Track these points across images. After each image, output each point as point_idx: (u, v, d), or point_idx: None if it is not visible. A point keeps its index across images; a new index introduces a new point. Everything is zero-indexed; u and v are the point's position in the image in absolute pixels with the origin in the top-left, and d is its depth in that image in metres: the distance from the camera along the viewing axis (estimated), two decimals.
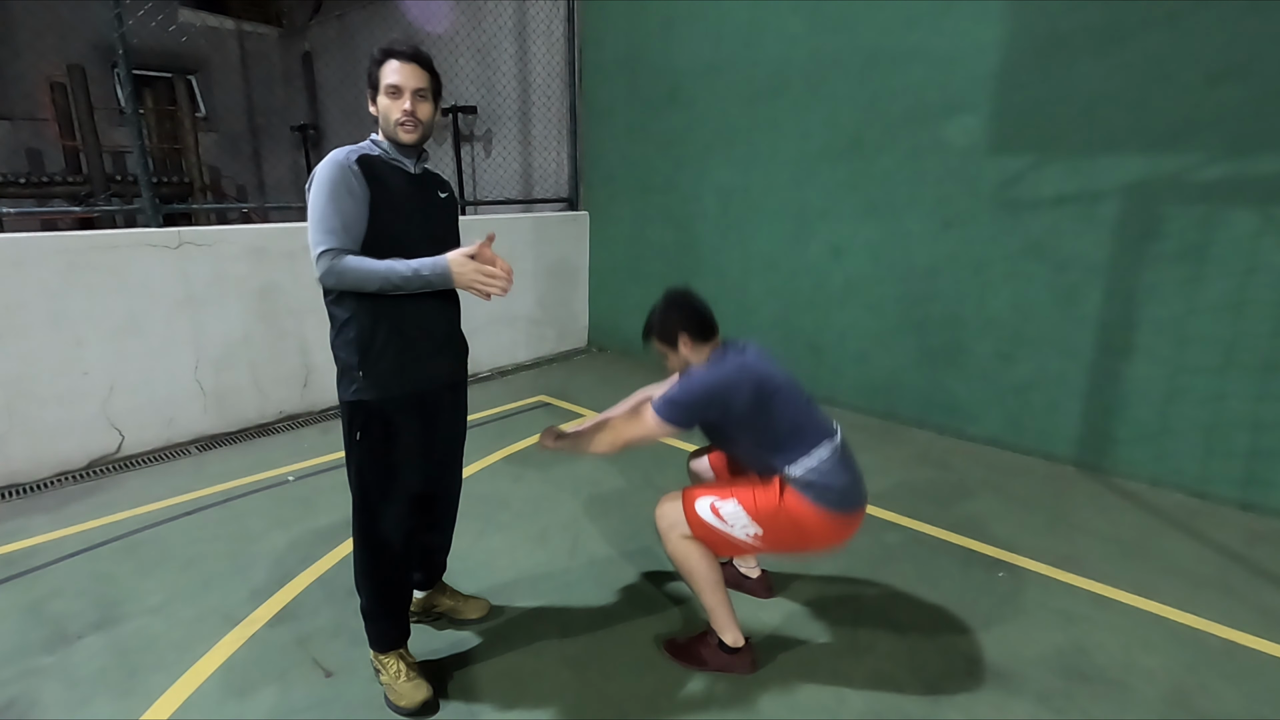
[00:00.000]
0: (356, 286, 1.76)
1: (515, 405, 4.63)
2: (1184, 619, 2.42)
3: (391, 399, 1.87)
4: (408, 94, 1.80)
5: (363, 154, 1.81)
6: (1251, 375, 3.10)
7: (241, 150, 11.32)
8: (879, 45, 3.98)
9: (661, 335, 2.07)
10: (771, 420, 1.95)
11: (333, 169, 1.75)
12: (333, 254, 1.73)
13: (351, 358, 1.84)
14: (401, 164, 1.89)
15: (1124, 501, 3.30)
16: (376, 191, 1.79)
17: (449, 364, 2.04)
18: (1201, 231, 3.14)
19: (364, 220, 1.78)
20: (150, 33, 8.76)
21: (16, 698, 2.00)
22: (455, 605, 2.36)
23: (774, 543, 2.01)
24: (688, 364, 2.06)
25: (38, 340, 3.30)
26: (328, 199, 1.74)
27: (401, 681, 1.98)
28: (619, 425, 2.01)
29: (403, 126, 1.82)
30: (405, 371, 1.87)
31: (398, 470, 1.92)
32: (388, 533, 1.94)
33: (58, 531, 2.94)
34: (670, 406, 1.92)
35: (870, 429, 4.18)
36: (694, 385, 1.94)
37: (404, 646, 2.05)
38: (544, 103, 6.12)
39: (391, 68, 1.79)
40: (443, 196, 2.01)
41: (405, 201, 1.86)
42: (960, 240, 3.87)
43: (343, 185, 1.75)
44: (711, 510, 1.99)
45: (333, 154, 1.79)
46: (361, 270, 1.73)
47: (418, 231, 1.87)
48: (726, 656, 2.11)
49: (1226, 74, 3.00)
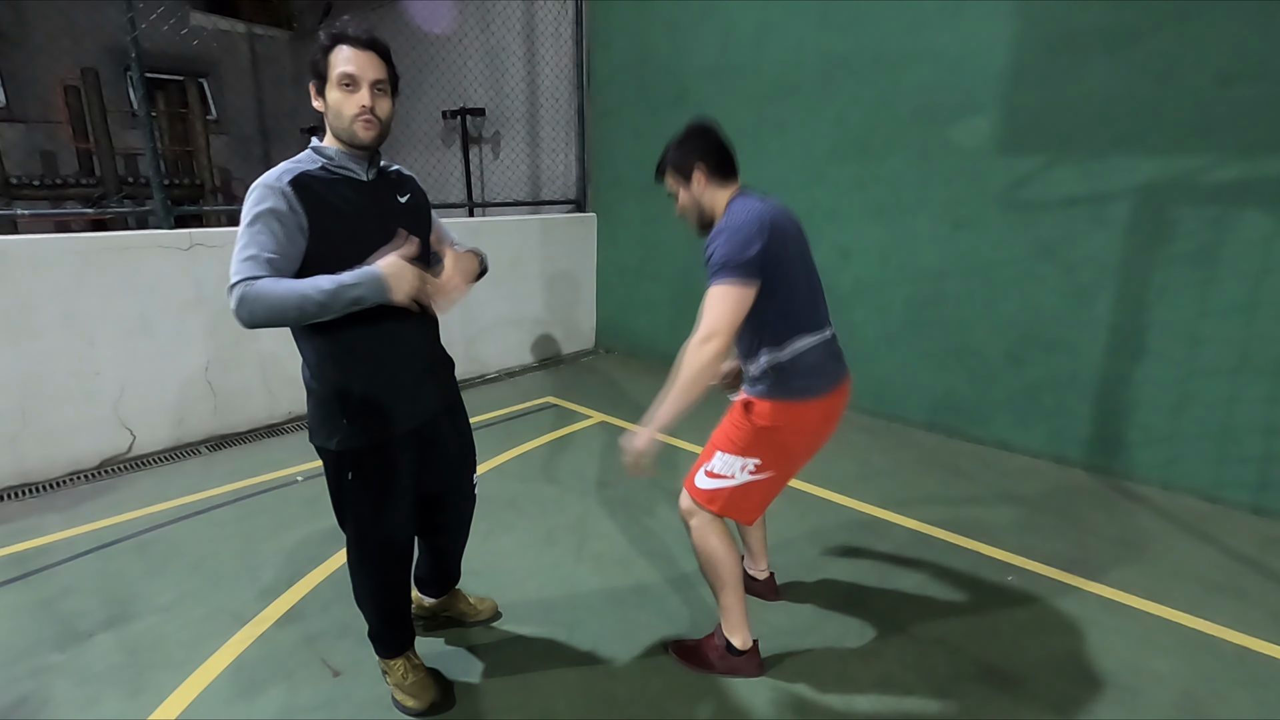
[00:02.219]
0: (272, 318, 1.48)
1: (523, 406, 4.64)
2: (1196, 624, 2.39)
3: (379, 441, 1.72)
4: (365, 85, 1.56)
5: (298, 172, 1.57)
6: (1264, 378, 3.06)
7: (252, 152, 11.40)
8: (888, 46, 3.97)
9: (676, 165, 1.87)
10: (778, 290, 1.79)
11: (263, 194, 1.53)
12: (245, 284, 1.47)
13: (330, 405, 1.68)
14: (350, 172, 1.64)
15: (1135, 505, 3.27)
16: (317, 213, 1.56)
17: (437, 392, 1.87)
18: (1213, 233, 3.11)
19: (297, 252, 1.55)
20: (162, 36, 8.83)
21: (28, 695, 2.02)
22: (464, 609, 2.33)
23: (777, 460, 1.92)
24: (700, 208, 1.89)
25: (51, 340, 3.33)
26: (254, 229, 1.51)
27: (409, 684, 1.96)
28: (691, 350, 1.71)
29: (361, 123, 1.57)
30: (392, 412, 1.71)
31: (394, 505, 1.81)
32: (387, 564, 1.87)
33: (69, 530, 2.96)
34: (728, 269, 1.69)
35: (879, 431, 4.17)
36: (734, 232, 1.71)
37: (410, 649, 2.02)
38: (552, 104, 6.14)
39: (344, 55, 1.55)
40: (403, 200, 1.74)
41: (354, 217, 1.62)
42: (970, 242, 3.85)
43: (269, 212, 1.52)
44: (707, 475, 1.96)
45: (264, 176, 1.57)
46: (272, 296, 1.45)
47: (374, 248, 1.59)
48: (734, 659, 2.10)
49: (1239, 74, 2.97)
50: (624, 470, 1.82)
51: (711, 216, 1.91)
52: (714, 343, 1.70)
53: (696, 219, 1.94)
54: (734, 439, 1.93)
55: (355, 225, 1.63)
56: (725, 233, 1.75)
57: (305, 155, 1.65)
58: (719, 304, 1.72)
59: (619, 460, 3.71)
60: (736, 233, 1.74)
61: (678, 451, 3.85)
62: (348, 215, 1.61)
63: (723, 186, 1.90)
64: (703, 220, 1.93)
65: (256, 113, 11.41)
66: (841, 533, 2.99)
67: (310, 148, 1.66)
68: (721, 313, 1.71)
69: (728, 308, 1.71)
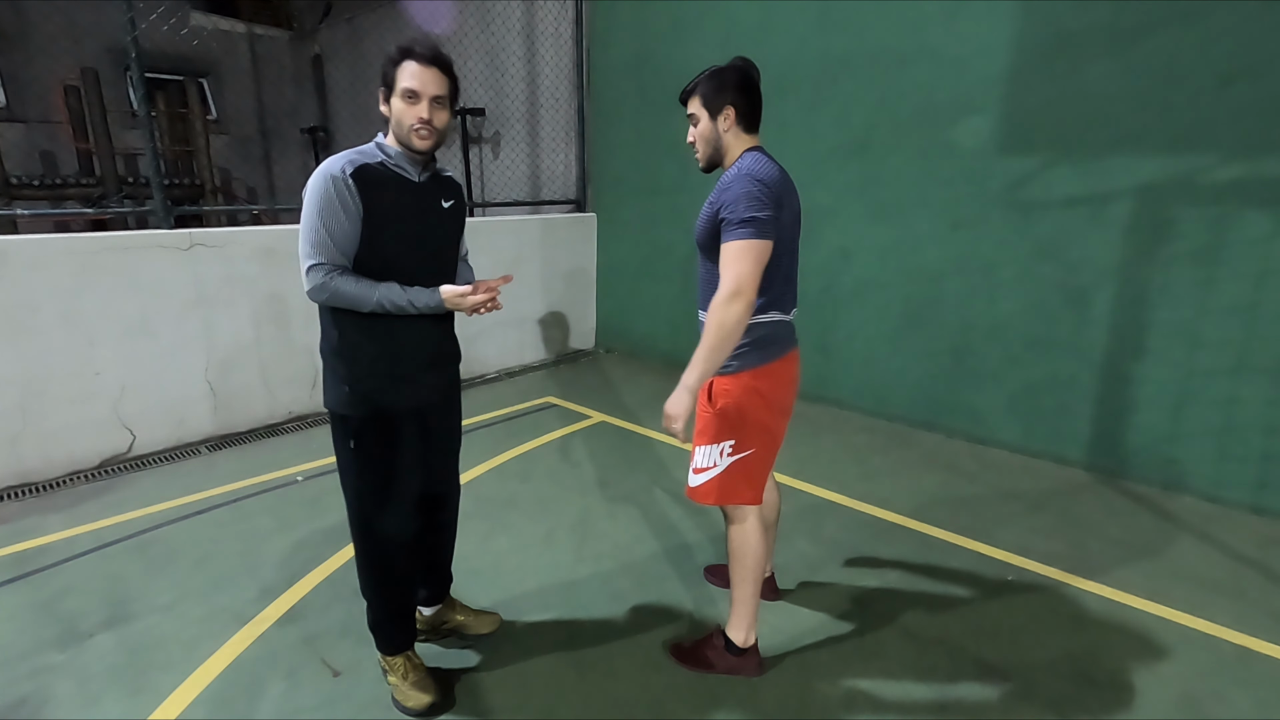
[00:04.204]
0: (351, 305, 1.74)
1: (523, 406, 4.64)
2: (1196, 624, 2.39)
3: (384, 413, 1.84)
4: (425, 100, 1.71)
5: (360, 164, 1.72)
6: (1265, 378, 3.06)
7: (252, 152, 11.40)
8: (888, 46, 3.97)
9: (708, 95, 1.82)
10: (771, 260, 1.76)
11: (324, 181, 1.68)
12: (323, 270, 1.70)
13: (340, 370, 1.82)
14: (405, 172, 1.80)
15: (1135, 505, 3.27)
16: (371, 204, 1.71)
17: (440, 379, 1.98)
18: (1214, 233, 3.11)
19: (356, 235, 1.72)
20: (162, 36, 8.84)
21: (28, 695, 2.02)
22: (465, 620, 2.28)
23: (750, 434, 1.92)
24: (715, 146, 1.86)
25: (51, 341, 3.33)
26: (317, 213, 1.69)
27: (409, 683, 1.98)
28: (719, 307, 1.68)
29: (417, 133, 1.73)
30: (395, 388, 1.84)
31: (395, 477, 1.89)
32: (387, 538, 1.93)
33: (69, 530, 2.96)
34: (752, 224, 1.67)
35: (879, 432, 4.17)
36: (761, 187, 1.70)
37: (411, 649, 2.05)
38: (552, 105, 6.14)
39: (410, 70, 1.69)
40: (447, 206, 1.90)
41: (403, 214, 1.78)
42: (970, 242, 3.85)
43: (334, 199, 1.68)
44: (695, 473, 1.99)
45: (327, 163, 1.71)
46: (355, 294, 1.71)
47: (414, 245, 1.81)
48: (733, 659, 2.10)
49: (1239, 74, 2.97)
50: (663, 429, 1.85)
51: (721, 158, 1.90)
52: (741, 299, 1.68)
53: (707, 155, 1.90)
54: (704, 429, 1.95)
55: (404, 222, 1.79)
56: (749, 184, 1.71)
57: (369, 147, 1.79)
58: (744, 258, 1.68)
59: (619, 460, 3.72)
60: (763, 188, 1.71)
61: (679, 453, 3.85)
62: (395, 210, 1.77)
63: (744, 134, 1.87)
64: (712, 159, 1.90)
65: (256, 113, 11.40)
66: (841, 533, 2.99)
67: (374, 142, 1.80)
68: (746, 267, 1.68)
69: (752, 262, 1.69)
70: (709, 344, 1.72)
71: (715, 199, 1.79)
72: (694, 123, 1.88)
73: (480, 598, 2.49)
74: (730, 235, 1.71)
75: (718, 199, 1.77)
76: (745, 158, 1.83)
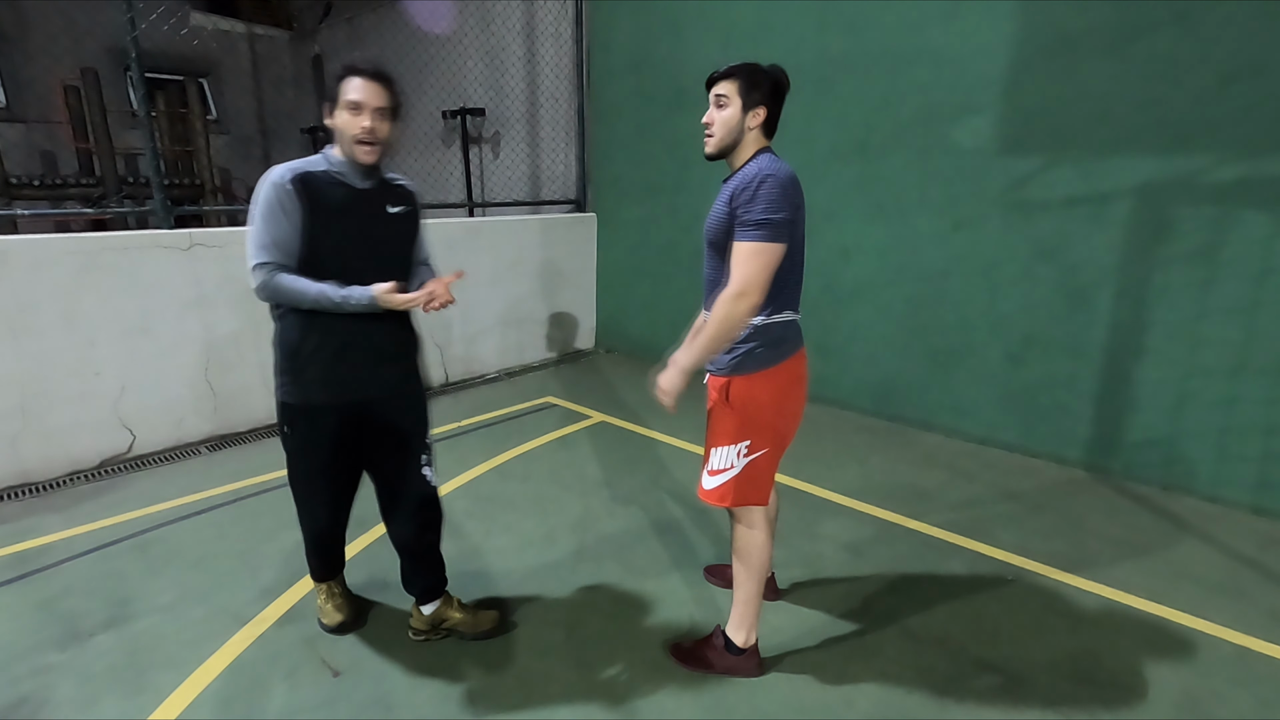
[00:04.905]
0: (291, 303, 1.87)
1: (522, 406, 4.64)
2: (1195, 624, 2.39)
3: (317, 404, 1.97)
4: (368, 111, 1.80)
5: (302, 172, 1.84)
6: (1265, 378, 3.06)
7: (252, 152, 11.41)
8: (887, 46, 3.97)
9: (748, 86, 1.80)
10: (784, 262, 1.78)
11: (267, 188, 1.81)
12: (267, 269, 1.83)
13: (281, 361, 1.97)
14: (348, 179, 1.89)
15: (1135, 505, 3.27)
16: (311, 211, 1.83)
17: (386, 374, 2.03)
18: (1214, 233, 3.11)
19: (297, 238, 1.84)
20: (163, 36, 8.84)
21: (28, 695, 2.02)
22: (463, 619, 2.27)
23: (764, 434, 1.92)
24: (734, 138, 1.84)
25: (51, 340, 3.33)
26: (260, 217, 1.83)
27: (328, 605, 2.31)
28: (724, 304, 1.72)
29: (360, 145, 1.82)
30: (334, 382, 1.95)
31: (322, 467, 2.08)
32: (312, 515, 2.20)
33: (69, 530, 2.96)
34: (767, 227, 1.69)
35: (878, 431, 4.17)
36: (779, 188, 1.71)
37: (333, 580, 2.34)
38: (552, 105, 6.14)
39: (353, 84, 1.79)
40: (394, 211, 1.97)
41: (344, 219, 1.88)
42: (969, 242, 3.85)
43: (276, 205, 1.81)
44: (710, 475, 1.98)
45: (272, 171, 1.83)
46: (294, 291, 1.83)
47: (358, 249, 1.91)
48: (733, 659, 2.10)
49: (1239, 74, 2.97)
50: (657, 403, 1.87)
51: (733, 150, 1.87)
52: (747, 300, 1.72)
53: (722, 142, 1.86)
54: (722, 431, 1.94)
55: (344, 227, 1.89)
56: (769, 186, 1.71)
57: (316, 157, 1.91)
58: (755, 260, 1.71)
59: (619, 460, 3.72)
60: (782, 192, 1.72)
61: (679, 453, 3.85)
62: (337, 215, 1.87)
63: (762, 137, 1.88)
64: (724, 147, 1.87)
65: (256, 113, 11.41)
66: (842, 533, 2.99)
67: (321, 153, 1.92)
68: (757, 270, 1.71)
69: (763, 265, 1.71)
70: (710, 335, 1.78)
71: (731, 196, 1.77)
72: (720, 105, 1.84)
73: (481, 597, 2.50)
74: (745, 235, 1.72)
75: (735, 197, 1.76)
76: (762, 158, 1.81)
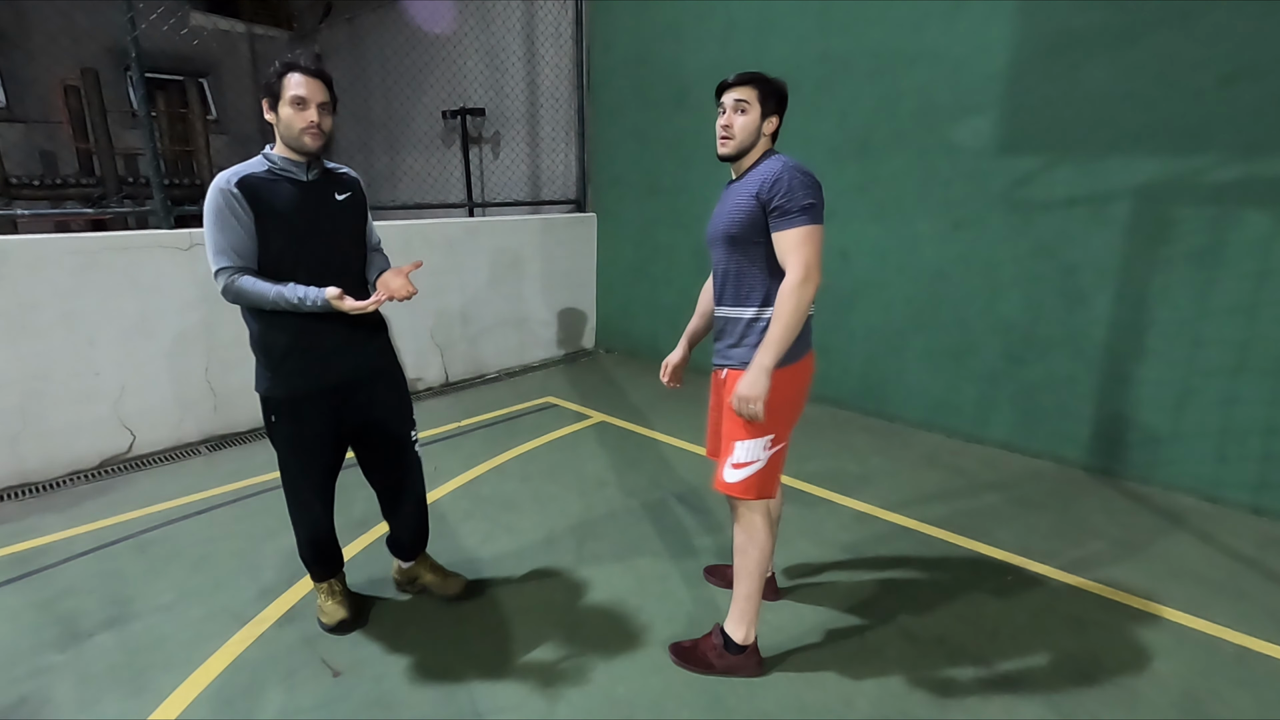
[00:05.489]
0: (253, 305, 1.97)
1: (523, 406, 4.64)
2: (1196, 624, 2.39)
3: (297, 395, 2.08)
4: (313, 106, 1.91)
5: (245, 174, 1.93)
6: (1265, 379, 3.06)
7: (252, 152, 11.30)
8: (888, 46, 3.97)
9: (768, 94, 1.89)
10: None
11: (215, 194, 1.90)
12: (228, 273, 1.92)
13: (259, 359, 2.08)
14: (291, 174, 1.99)
15: (1135, 505, 3.27)
16: (260, 211, 1.92)
17: (354, 359, 2.15)
18: (1214, 233, 3.11)
19: (251, 238, 1.94)
20: (163, 36, 8.84)
21: (28, 695, 2.02)
22: (435, 580, 2.50)
23: (783, 428, 1.98)
24: (749, 143, 1.91)
25: (51, 340, 3.33)
26: (213, 223, 1.91)
27: (328, 603, 2.33)
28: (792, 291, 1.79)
29: (310, 134, 1.92)
30: (308, 371, 2.07)
31: (310, 451, 2.17)
32: (307, 511, 2.24)
33: (69, 530, 2.96)
34: (811, 211, 1.78)
35: (878, 431, 4.17)
36: (809, 177, 1.81)
37: (333, 579, 2.37)
38: (552, 105, 6.14)
39: (295, 80, 1.90)
40: (340, 198, 2.08)
41: (293, 214, 1.97)
42: (970, 242, 3.85)
43: (225, 209, 1.90)
44: (734, 468, 1.97)
45: (217, 177, 1.92)
46: (254, 293, 1.93)
47: (311, 240, 2.00)
48: (733, 658, 2.10)
49: (1240, 74, 2.97)
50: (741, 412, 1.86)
51: (746, 152, 1.93)
52: (812, 282, 1.80)
53: (740, 145, 1.92)
54: (748, 424, 1.93)
55: (292, 218, 1.98)
56: (799, 174, 1.80)
57: (255, 160, 1.99)
58: (810, 244, 1.79)
59: (619, 460, 3.72)
60: (812, 179, 1.82)
61: (680, 452, 3.85)
62: (285, 210, 1.96)
63: (771, 140, 1.97)
64: (741, 151, 1.93)
65: (256, 113, 11.38)
66: (842, 533, 2.99)
67: (261, 154, 2.01)
68: (813, 252, 1.79)
69: (815, 247, 1.80)
70: (785, 325, 1.81)
71: (759, 190, 1.83)
72: (741, 110, 1.89)
73: (481, 597, 2.51)
74: (792, 223, 1.79)
75: (765, 188, 1.82)
76: (777, 156, 1.90)
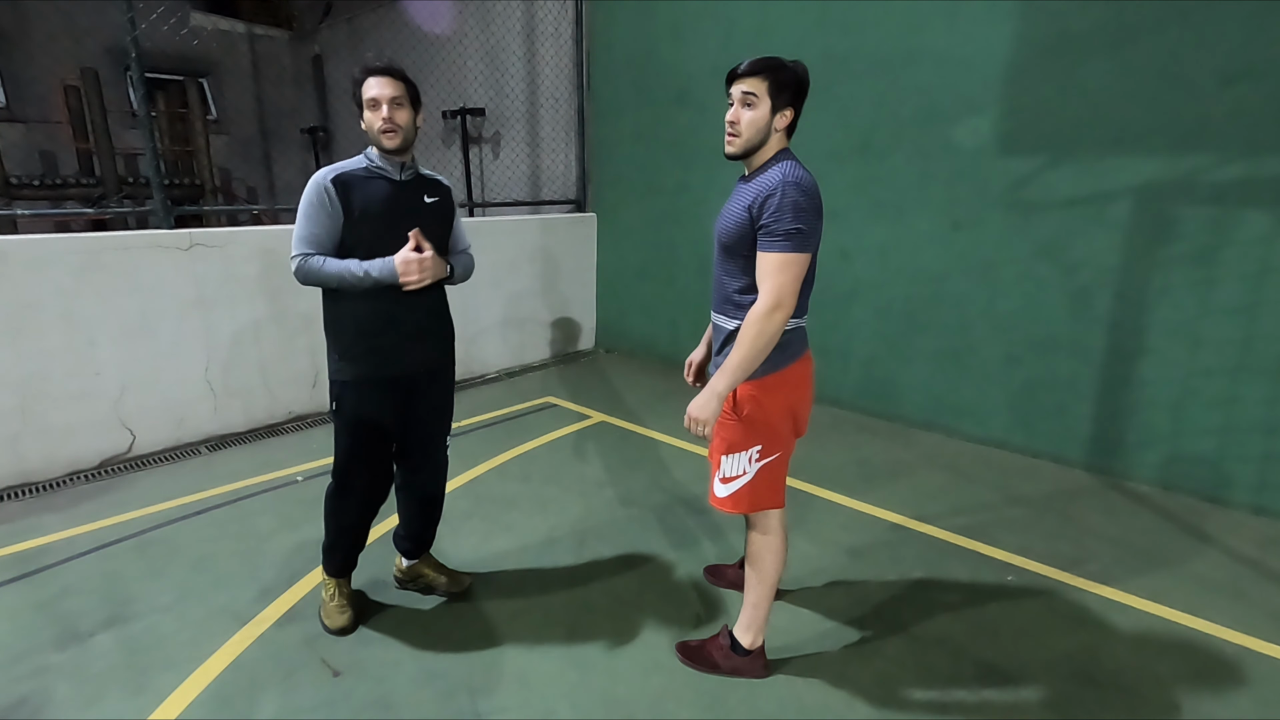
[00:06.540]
0: (321, 283, 2.05)
1: (522, 406, 4.64)
2: (1195, 624, 2.40)
3: (365, 380, 2.13)
4: (384, 103, 1.99)
5: (341, 171, 2.04)
6: (1265, 378, 3.06)
7: (252, 153, 11.40)
8: (888, 46, 3.97)
9: (777, 86, 1.73)
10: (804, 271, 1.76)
11: (311, 188, 2.02)
12: (302, 257, 2.03)
13: (332, 343, 2.15)
14: (385, 173, 2.09)
15: (1135, 505, 3.27)
16: (351, 206, 2.03)
17: (423, 352, 2.22)
18: (1214, 233, 3.11)
19: (336, 231, 2.04)
20: (162, 36, 8.83)
21: (28, 695, 2.02)
22: (438, 577, 2.53)
23: (774, 437, 1.91)
24: (758, 138, 1.77)
25: (51, 340, 3.33)
26: (303, 214, 2.03)
27: (332, 604, 2.33)
28: (758, 319, 1.70)
29: (385, 133, 2.01)
30: (377, 357, 2.12)
31: (367, 439, 2.19)
32: (354, 488, 2.25)
33: (69, 530, 2.96)
34: (796, 238, 1.67)
35: (878, 431, 4.17)
36: (808, 199, 1.70)
37: (345, 577, 2.37)
38: (552, 104, 6.14)
39: (370, 84, 2.00)
40: (429, 201, 2.18)
41: (384, 210, 2.07)
42: (970, 242, 3.85)
43: (316, 202, 2.01)
44: (723, 483, 1.95)
45: (318, 172, 2.04)
46: (321, 272, 2.02)
47: (395, 236, 2.05)
48: (739, 660, 2.10)
49: (1241, 74, 2.97)
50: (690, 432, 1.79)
51: (756, 150, 1.81)
52: (781, 312, 1.71)
53: (747, 143, 1.79)
54: (730, 438, 1.92)
55: (384, 217, 2.08)
56: (796, 195, 1.68)
57: (357, 158, 2.10)
58: (786, 273, 1.70)
59: (619, 460, 3.72)
60: (809, 201, 1.70)
61: (680, 453, 3.85)
62: (375, 205, 2.06)
63: (784, 140, 1.83)
64: (749, 148, 1.80)
65: (256, 113, 11.40)
66: (842, 533, 2.99)
67: (363, 154, 2.12)
68: (787, 282, 1.70)
69: (793, 277, 1.71)
70: (745, 354, 1.72)
71: (753, 202, 1.73)
72: (748, 104, 1.74)
73: (481, 597, 2.50)
74: (773, 246, 1.70)
75: (758, 203, 1.71)
76: (785, 164, 1.76)
